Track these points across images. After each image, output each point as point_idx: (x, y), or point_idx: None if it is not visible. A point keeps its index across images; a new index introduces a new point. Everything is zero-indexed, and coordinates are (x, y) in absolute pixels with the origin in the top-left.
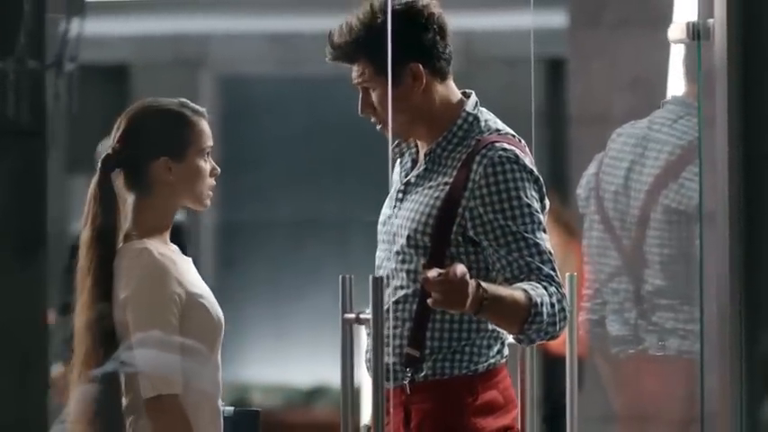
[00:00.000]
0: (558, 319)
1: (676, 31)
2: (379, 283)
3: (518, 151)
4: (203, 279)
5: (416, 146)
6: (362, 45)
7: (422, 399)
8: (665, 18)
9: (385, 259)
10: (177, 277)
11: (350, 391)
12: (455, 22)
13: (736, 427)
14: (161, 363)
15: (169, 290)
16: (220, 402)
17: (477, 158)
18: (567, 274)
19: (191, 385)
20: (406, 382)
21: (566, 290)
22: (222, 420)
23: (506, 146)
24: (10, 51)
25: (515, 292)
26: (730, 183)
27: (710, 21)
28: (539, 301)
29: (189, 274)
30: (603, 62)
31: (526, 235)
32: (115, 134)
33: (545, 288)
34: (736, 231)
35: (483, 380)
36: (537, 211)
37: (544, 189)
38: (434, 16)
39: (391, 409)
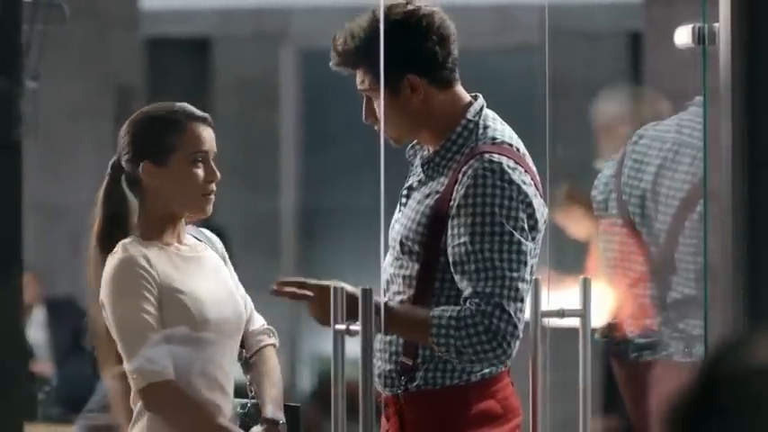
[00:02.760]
0: (480, 341)
1: (682, 35)
2: (368, 295)
3: (508, 163)
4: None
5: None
6: (363, 53)
7: (415, 408)
8: None
9: (389, 264)
10: (149, 271)
11: (341, 400)
12: None
13: None
14: (147, 354)
15: (138, 282)
16: (217, 395)
17: (464, 168)
18: (582, 277)
19: (184, 376)
20: (400, 392)
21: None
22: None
23: (495, 157)
24: None
25: (418, 309)
26: (733, 187)
27: (716, 25)
28: (436, 314)
29: (168, 269)
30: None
31: (484, 255)
32: (118, 140)
33: (469, 308)
34: (739, 232)
35: (477, 389)
36: (509, 232)
37: (535, 204)
38: (434, 26)
39: (390, 417)
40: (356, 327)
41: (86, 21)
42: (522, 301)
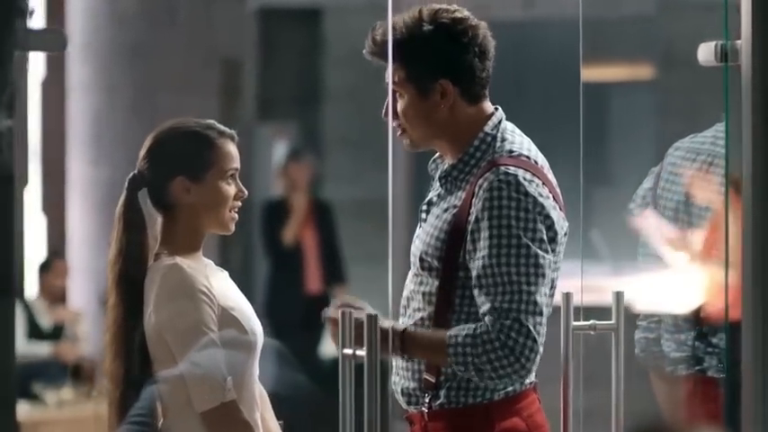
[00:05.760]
0: (497, 357)
1: (705, 52)
2: (372, 321)
3: (524, 175)
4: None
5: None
6: (400, 48)
7: (439, 427)
8: None
9: (409, 281)
10: (210, 290)
11: (349, 424)
12: None
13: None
14: (213, 371)
15: (205, 301)
16: (258, 415)
17: (480, 182)
18: (614, 291)
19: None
20: (424, 409)
21: None
22: None
23: (511, 169)
24: None
25: (437, 331)
26: (753, 200)
27: (738, 42)
28: (453, 333)
29: (222, 287)
30: None
31: (501, 270)
32: (140, 154)
33: (486, 324)
34: (759, 245)
35: (501, 407)
36: (527, 245)
37: (553, 216)
38: (478, 38)
39: None
40: (361, 352)
41: None
42: (541, 314)
